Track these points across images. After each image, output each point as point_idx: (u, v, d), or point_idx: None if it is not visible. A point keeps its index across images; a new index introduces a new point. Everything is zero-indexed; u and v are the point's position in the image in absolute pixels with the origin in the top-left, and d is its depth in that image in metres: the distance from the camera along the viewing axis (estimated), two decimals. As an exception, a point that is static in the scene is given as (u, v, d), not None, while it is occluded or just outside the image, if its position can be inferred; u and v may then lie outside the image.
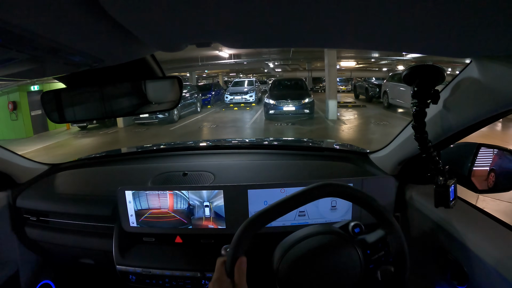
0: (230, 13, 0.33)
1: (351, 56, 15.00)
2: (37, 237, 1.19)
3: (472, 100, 0.60)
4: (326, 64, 9.41)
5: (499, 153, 0.83)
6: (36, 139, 9.19)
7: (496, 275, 0.62)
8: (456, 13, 0.31)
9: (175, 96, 0.70)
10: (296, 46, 0.51)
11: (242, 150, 1.39)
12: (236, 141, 1.75)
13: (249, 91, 13.20)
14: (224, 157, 1.30)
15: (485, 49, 0.48)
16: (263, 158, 1.28)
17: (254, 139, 1.73)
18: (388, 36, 0.42)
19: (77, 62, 0.47)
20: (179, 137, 7.54)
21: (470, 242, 0.70)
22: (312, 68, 15.81)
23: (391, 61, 16.02)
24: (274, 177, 1.09)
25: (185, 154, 1.36)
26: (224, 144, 1.60)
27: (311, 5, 0.30)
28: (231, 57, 12.71)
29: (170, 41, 0.47)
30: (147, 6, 0.30)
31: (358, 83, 15.26)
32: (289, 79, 11.90)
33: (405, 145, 0.91)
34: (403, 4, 0.29)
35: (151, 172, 1.19)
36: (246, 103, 12.83)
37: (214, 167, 1.19)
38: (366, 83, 13.98)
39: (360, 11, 0.32)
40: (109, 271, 1.04)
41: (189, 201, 0.98)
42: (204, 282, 0.95)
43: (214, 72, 21.08)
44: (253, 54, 13.10)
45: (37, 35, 0.31)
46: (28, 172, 1.25)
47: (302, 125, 8.35)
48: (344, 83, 19.25)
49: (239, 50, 11.47)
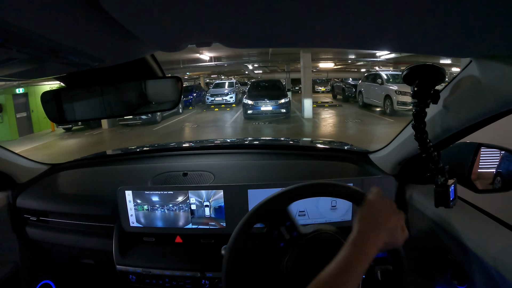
0: (230, 13, 0.33)
1: (329, 58, 15.30)
2: (37, 237, 1.19)
3: (472, 100, 0.60)
4: (301, 66, 9.90)
5: (499, 152, 0.83)
6: (22, 141, 9.21)
7: (496, 275, 0.62)
8: (456, 13, 0.31)
9: (175, 96, 0.70)
10: (296, 46, 0.51)
11: (242, 150, 1.39)
12: (236, 141, 1.75)
13: (230, 92, 13.50)
14: (224, 157, 1.30)
15: (485, 49, 0.48)
16: (263, 158, 1.28)
17: (254, 139, 1.72)
18: (388, 36, 0.42)
19: (77, 62, 0.47)
20: (162, 137, 7.88)
21: (470, 242, 0.70)
22: (290, 69, 16.10)
23: (367, 62, 16.32)
24: (274, 177, 1.09)
25: (185, 154, 1.36)
26: (224, 144, 1.60)
27: (311, 5, 0.30)
28: (212, 59, 12.87)
29: (170, 41, 0.47)
30: (147, 6, 0.30)
31: (335, 84, 15.77)
32: (267, 80, 12.22)
33: (405, 145, 0.91)
34: (403, 4, 0.29)
35: (151, 172, 1.19)
36: (226, 104, 13.12)
37: (214, 167, 1.19)
38: (343, 83, 14.50)
39: (360, 11, 0.31)
40: (109, 271, 1.04)
41: (189, 201, 0.98)
42: (204, 282, 0.95)
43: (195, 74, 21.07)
44: (233, 57, 13.24)
45: (37, 35, 0.31)
46: (28, 172, 1.25)
47: (279, 123, 8.80)
48: (323, 84, 19.52)
49: (219, 53, 11.67)
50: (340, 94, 14.67)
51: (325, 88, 19.21)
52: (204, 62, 12.87)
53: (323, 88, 19.31)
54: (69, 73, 0.62)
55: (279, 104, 9.23)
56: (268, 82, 11.58)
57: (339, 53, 13.46)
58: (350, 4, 0.30)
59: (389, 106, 9.09)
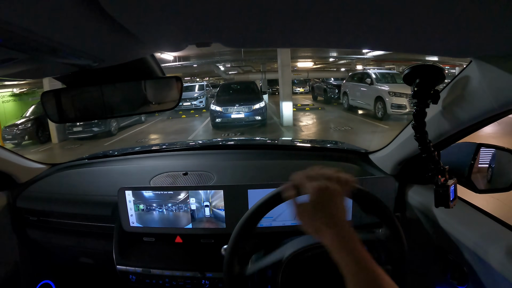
0: (231, 13, 0.33)
1: (308, 56, 14.17)
2: (37, 237, 1.19)
3: (472, 100, 0.60)
4: (279, 64, 8.53)
5: (499, 153, 0.83)
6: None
7: (496, 275, 0.62)
8: (456, 13, 0.31)
9: (175, 96, 0.70)
10: (297, 46, 0.51)
11: (242, 150, 1.39)
12: (237, 140, 1.75)
13: (199, 96, 12.57)
14: (224, 157, 1.30)
15: (485, 49, 0.48)
16: (263, 158, 1.28)
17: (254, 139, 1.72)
18: (388, 36, 0.42)
19: (77, 62, 0.47)
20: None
21: (470, 242, 0.70)
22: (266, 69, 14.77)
23: (350, 60, 15.32)
24: (274, 177, 1.09)
25: (185, 154, 1.36)
26: (224, 144, 1.60)
27: (312, 5, 0.30)
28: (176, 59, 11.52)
29: (170, 41, 0.47)
30: (147, 6, 0.30)
31: (316, 84, 14.81)
32: (239, 82, 10.72)
33: (405, 145, 0.91)
34: (403, 4, 0.29)
35: (151, 172, 1.19)
36: (196, 109, 12.05)
37: (214, 167, 1.19)
38: (324, 84, 13.61)
39: (360, 11, 0.31)
40: (109, 271, 1.04)
41: (189, 201, 0.98)
42: (204, 282, 0.95)
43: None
44: (202, 56, 12.00)
45: (37, 35, 0.31)
46: (28, 172, 1.25)
47: (252, 134, 7.65)
48: (302, 85, 18.67)
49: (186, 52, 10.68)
50: (321, 95, 13.78)
51: (304, 89, 18.51)
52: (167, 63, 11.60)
53: (301, 89, 18.56)
54: (69, 73, 0.62)
55: (253, 111, 7.83)
56: (240, 84, 10.07)
57: (320, 51, 12.53)
58: (350, 4, 0.30)
59: (380, 109, 8.10)
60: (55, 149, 8.16)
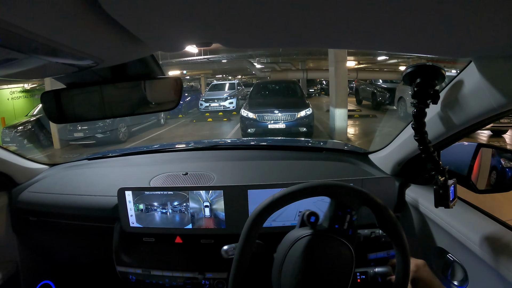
0: (231, 13, 0.33)
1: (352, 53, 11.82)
2: (37, 237, 1.19)
3: (472, 100, 0.60)
4: (331, 60, 6.54)
5: (499, 153, 0.83)
6: None
7: (496, 275, 0.62)
8: (456, 13, 0.31)
9: (175, 96, 0.70)
10: (299, 46, 0.51)
11: (242, 150, 1.39)
12: (237, 141, 1.75)
13: (229, 96, 10.57)
14: (224, 157, 1.30)
15: (485, 49, 0.48)
16: (263, 158, 1.28)
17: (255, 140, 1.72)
18: (388, 37, 0.42)
19: (77, 62, 0.47)
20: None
21: (470, 242, 0.70)
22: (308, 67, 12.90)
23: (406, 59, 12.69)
24: (274, 177, 1.09)
25: (185, 154, 1.36)
26: (224, 144, 1.61)
27: (312, 5, 0.30)
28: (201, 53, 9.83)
29: (170, 41, 0.47)
30: (147, 6, 0.30)
31: (361, 86, 12.43)
32: (277, 81, 8.64)
33: (405, 145, 0.91)
34: (403, 4, 0.29)
35: (151, 172, 1.19)
36: (225, 112, 10.21)
37: (214, 168, 1.19)
38: (372, 86, 11.26)
39: (361, 11, 0.31)
40: (109, 271, 1.04)
41: (189, 201, 0.98)
42: (204, 282, 0.95)
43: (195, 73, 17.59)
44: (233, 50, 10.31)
45: (37, 35, 0.31)
46: (28, 172, 1.25)
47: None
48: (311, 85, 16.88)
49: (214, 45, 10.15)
50: (367, 99, 11.52)
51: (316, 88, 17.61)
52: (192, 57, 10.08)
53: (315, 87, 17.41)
54: (69, 73, 0.62)
55: (297, 120, 5.90)
56: (279, 84, 8.01)
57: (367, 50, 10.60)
58: (351, 4, 0.30)
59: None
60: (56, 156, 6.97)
